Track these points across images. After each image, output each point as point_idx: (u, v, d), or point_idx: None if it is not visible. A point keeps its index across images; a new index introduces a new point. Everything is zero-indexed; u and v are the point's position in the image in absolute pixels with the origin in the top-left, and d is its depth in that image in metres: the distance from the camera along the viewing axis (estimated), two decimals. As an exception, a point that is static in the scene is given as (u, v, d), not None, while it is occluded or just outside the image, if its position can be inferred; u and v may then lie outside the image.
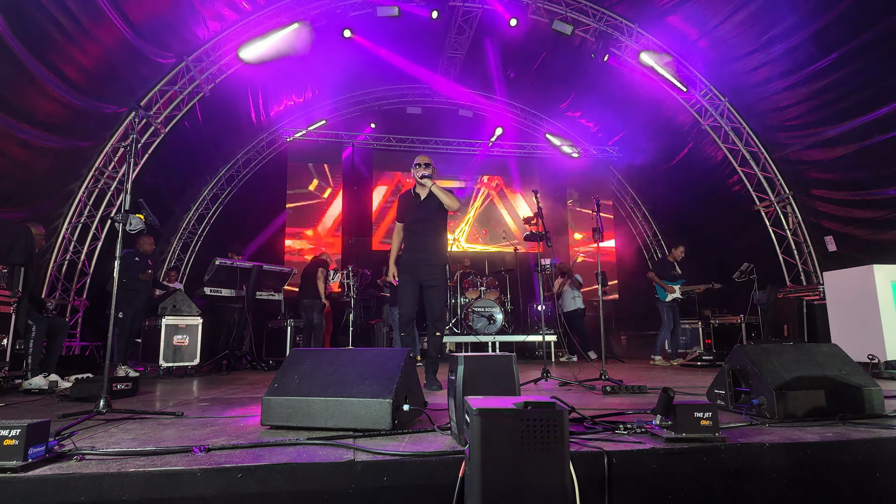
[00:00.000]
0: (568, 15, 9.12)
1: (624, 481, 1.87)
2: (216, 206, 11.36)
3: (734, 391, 2.75)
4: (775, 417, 2.43)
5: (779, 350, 2.75)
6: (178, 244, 10.86)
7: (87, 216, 7.93)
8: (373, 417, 2.22)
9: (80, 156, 7.45)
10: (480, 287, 8.99)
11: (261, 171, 11.64)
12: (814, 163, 8.26)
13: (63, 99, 6.35)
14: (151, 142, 8.27)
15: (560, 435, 1.20)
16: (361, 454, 1.85)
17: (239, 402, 3.41)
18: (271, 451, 1.93)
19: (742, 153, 9.28)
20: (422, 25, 9.32)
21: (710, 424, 2.01)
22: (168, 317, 6.04)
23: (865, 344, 4.68)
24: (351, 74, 10.84)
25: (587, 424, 2.29)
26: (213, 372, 6.22)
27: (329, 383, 2.38)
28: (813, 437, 2.10)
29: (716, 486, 1.93)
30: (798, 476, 1.98)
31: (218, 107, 9.06)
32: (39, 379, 4.25)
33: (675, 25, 8.74)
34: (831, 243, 8.34)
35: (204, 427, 2.50)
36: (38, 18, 5.63)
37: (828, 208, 8.35)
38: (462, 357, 2.08)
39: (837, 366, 2.69)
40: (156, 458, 1.81)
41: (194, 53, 8.17)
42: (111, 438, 2.22)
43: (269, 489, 1.70)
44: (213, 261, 6.34)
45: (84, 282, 8.09)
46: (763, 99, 8.51)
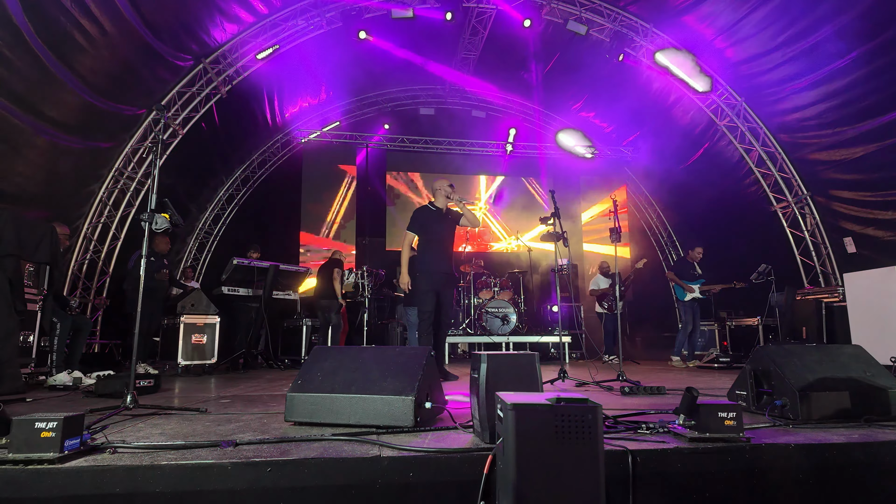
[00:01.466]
0: (582, 15, 9.10)
1: (648, 480, 1.87)
2: (232, 206, 11.49)
3: (756, 392, 2.73)
4: (799, 419, 2.42)
5: (802, 351, 2.73)
6: (194, 244, 10.99)
7: (106, 216, 8.06)
8: (395, 414, 2.24)
9: (100, 157, 7.58)
10: (494, 287, 9.00)
11: (276, 172, 11.75)
12: (832, 163, 8.15)
13: (84, 101, 6.47)
14: (170, 143, 8.38)
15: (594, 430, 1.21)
16: (386, 450, 1.87)
17: (260, 400, 3.45)
18: (297, 446, 1.96)
19: (759, 153, 9.19)
20: (436, 27, 9.35)
21: (734, 425, 2.00)
22: (186, 315, 6.12)
23: (888, 346, 4.61)
24: (365, 76, 10.90)
25: (609, 424, 2.30)
26: (230, 370, 6.29)
27: (352, 380, 2.40)
28: (839, 438, 2.09)
29: (740, 486, 1.92)
30: (823, 478, 1.97)
31: (234, 108, 9.17)
32: (64, 375, 4.34)
33: (690, 25, 8.68)
34: (851, 245, 8.22)
35: (229, 423, 2.54)
36: (60, 21, 5.74)
37: (847, 209, 8.23)
38: (485, 355, 2.10)
39: (862, 367, 2.66)
40: (186, 452, 1.85)
41: (211, 55, 8.28)
42: (140, 433, 2.26)
43: (298, 483, 1.73)
44: (231, 260, 6.41)
45: (104, 281, 8.22)
46: (781, 99, 8.42)
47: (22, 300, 3.67)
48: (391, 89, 12.00)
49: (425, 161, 12.31)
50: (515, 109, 12.67)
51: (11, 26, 5.15)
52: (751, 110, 9.08)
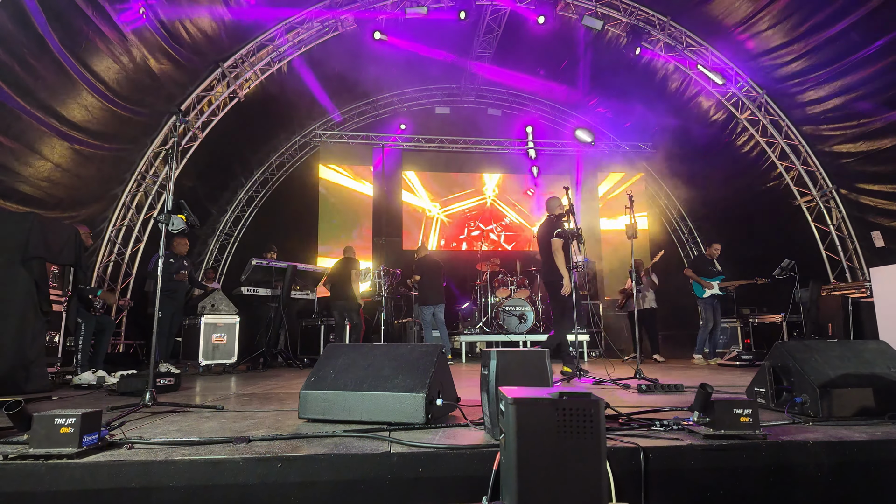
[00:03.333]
0: (598, 10, 9.01)
1: (661, 477, 1.85)
2: (251, 208, 11.65)
3: (775, 389, 2.67)
4: (819, 416, 2.36)
5: (822, 347, 2.67)
6: (215, 246, 11.17)
7: (129, 219, 8.25)
8: (407, 411, 2.25)
9: (123, 161, 7.75)
10: (511, 286, 8.97)
11: (294, 174, 11.88)
12: (859, 155, 7.92)
13: (106, 106, 6.63)
14: (189, 146, 8.53)
15: (596, 425, 1.20)
16: (397, 446, 1.88)
17: (276, 398, 3.49)
18: (309, 442, 1.98)
19: (781, 147, 8.98)
20: (450, 26, 9.34)
21: (749, 421, 1.97)
22: (207, 315, 6.23)
23: (917, 342, 4.47)
24: (380, 76, 10.93)
25: (622, 421, 2.27)
26: (250, 369, 6.38)
27: (364, 377, 2.42)
28: (860, 436, 2.03)
29: (756, 483, 1.88)
30: (843, 475, 1.92)
31: (252, 111, 9.29)
32: (88, 374, 4.45)
33: (708, 17, 8.52)
34: (879, 238, 7.98)
35: (244, 420, 2.58)
36: (83, 30, 5.89)
37: (874, 202, 7.99)
38: (495, 352, 2.09)
39: (887, 363, 2.58)
40: (200, 448, 1.88)
41: (229, 59, 8.40)
42: (157, 429, 2.31)
43: (308, 478, 1.75)
44: (250, 261, 6.51)
45: (128, 282, 8.41)
46: (803, 90, 8.22)
47: (48, 301, 3.77)
48: (407, 89, 12.03)
49: (441, 160, 12.31)
50: (531, 107, 12.60)
51: (36, 36, 5.30)
52: (772, 103, 8.89)
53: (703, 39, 9.06)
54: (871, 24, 6.75)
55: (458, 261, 11.39)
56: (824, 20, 7.20)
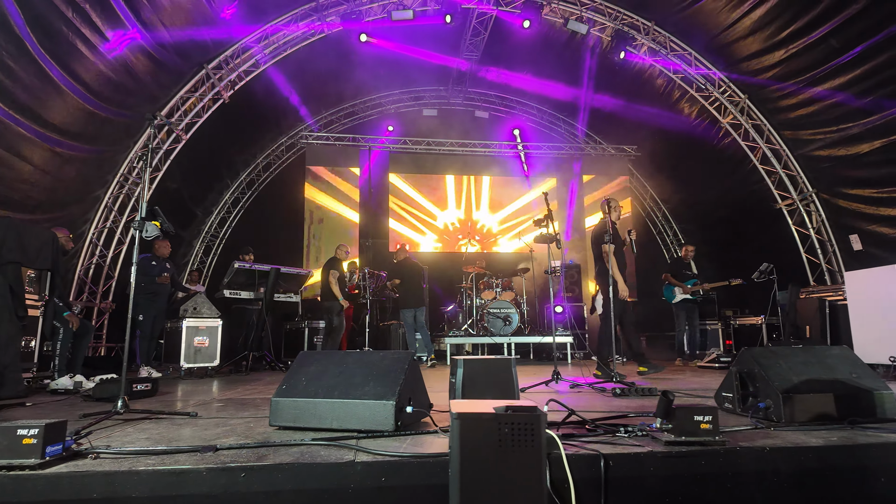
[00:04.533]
0: (583, 14, 9.08)
1: (622, 483, 1.88)
2: (237, 209, 11.61)
3: (741, 394, 2.72)
4: (782, 421, 2.41)
5: (787, 352, 2.72)
6: (200, 247, 11.11)
7: (112, 221, 8.19)
8: (376, 419, 2.27)
9: (105, 163, 7.70)
10: (496, 288, 9.00)
11: (280, 175, 11.86)
12: (838, 159, 8.06)
13: (87, 108, 6.57)
14: (173, 148, 8.48)
15: (537, 438, 1.22)
16: (362, 455, 1.90)
17: (252, 403, 3.49)
18: (276, 451, 1.99)
19: (763, 151, 9.10)
20: (437, 29, 9.36)
21: (710, 428, 2.01)
22: (189, 319, 6.20)
23: (888, 345, 4.56)
24: (367, 78, 10.94)
25: (589, 427, 2.30)
26: (232, 372, 6.36)
27: (335, 385, 2.43)
28: (817, 441, 2.08)
29: (715, 489, 1.93)
30: (800, 481, 1.97)
31: (237, 113, 9.24)
32: (65, 379, 4.42)
33: (692, 22, 8.62)
34: (857, 242, 8.12)
35: (216, 427, 2.58)
36: (63, 31, 5.84)
37: (853, 206, 8.13)
38: (462, 360, 2.12)
39: (848, 369, 2.64)
40: (166, 458, 1.89)
41: (213, 61, 8.37)
42: (126, 438, 2.31)
43: (272, 488, 1.77)
44: (232, 264, 6.49)
45: (110, 285, 8.34)
46: (785, 95, 8.34)
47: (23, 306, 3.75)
48: (394, 91, 12.05)
49: (428, 162, 12.33)
50: (519, 109, 12.67)
51: (14, 37, 5.25)
52: (754, 107, 9.01)
53: (688, 45, 9.17)
54: (850, 32, 6.87)
55: (443, 263, 11.42)
56: (804, 27, 7.32)
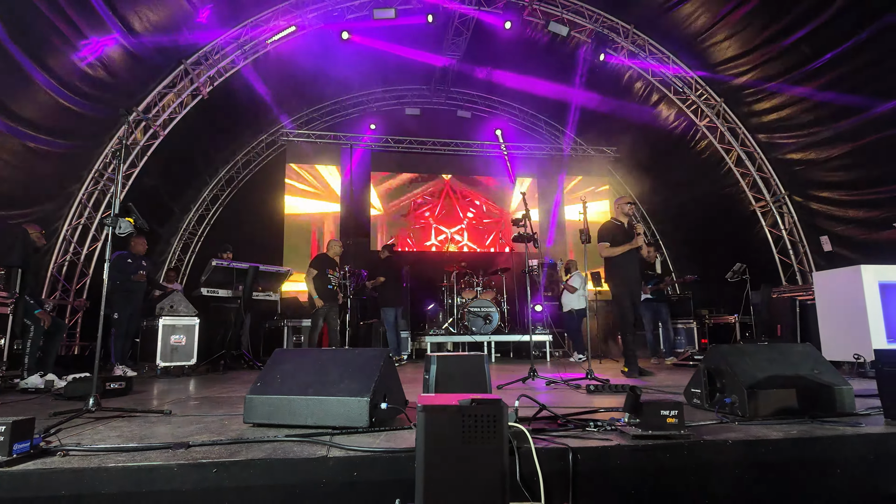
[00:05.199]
0: (564, 16, 9.18)
1: (590, 477, 1.93)
2: (216, 206, 11.48)
3: (709, 390, 2.80)
4: (747, 415, 2.49)
5: (753, 349, 2.80)
6: (178, 245, 10.97)
7: (86, 217, 8.04)
8: (351, 415, 2.29)
9: (80, 158, 7.56)
10: (477, 287, 9.05)
11: (260, 173, 11.75)
12: (810, 162, 8.28)
13: (61, 103, 6.45)
14: (151, 144, 8.36)
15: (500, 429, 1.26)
16: (335, 450, 1.91)
17: (228, 401, 3.48)
18: (249, 447, 2.00)
19: (738, 154, 9.31)
20: (419, 28, 9.38)
21: (675, 422, 2.07)
22: (165, 317, 6.12)
23: (852, 343, 4.71)
24: (349, 76, 10.91)
25: (559, 422, 2.35)
26: (210, 371, 6.30)
27: (310, 382, 2.44)
28: (778, 434, 2.15)
29: (679, 481, 1.98)
30: (760, 473, 2.04)
31: (217, 109, 9.15)
32: (36, 378, 4.34)
33: (671, 26, 8.78)
34: (826, 243, 8.36)
35: (189, 425, 2.57)
36: (37, 25, 5.73)
37: (823, 208, 8.37)
38: (435, 357, 2.15)
39: (810, 365, 2.73)
40: (136, 455, 1.88)
41: (192, 56, 8.27)
42: (97, 435, 2.29)
43: (243, 484, 1.77)
44: (210, 262, 6.43)
45: (84, 282, 8.20)
46: (759, 99, 8.54)
47: (-8, 304, 3.67)
48: (376, 89, 12.03)
49: (410, 161, 12.34)
50: (501, 109, 12.73)
51: (-16, 29, 5.14)
52: (729, 111, 9.20)
53: (666, 48, 9.32)
54: (821, 38, 7.06)
55: (424, 262, 11.43)
56: (777, 33, 7.51)
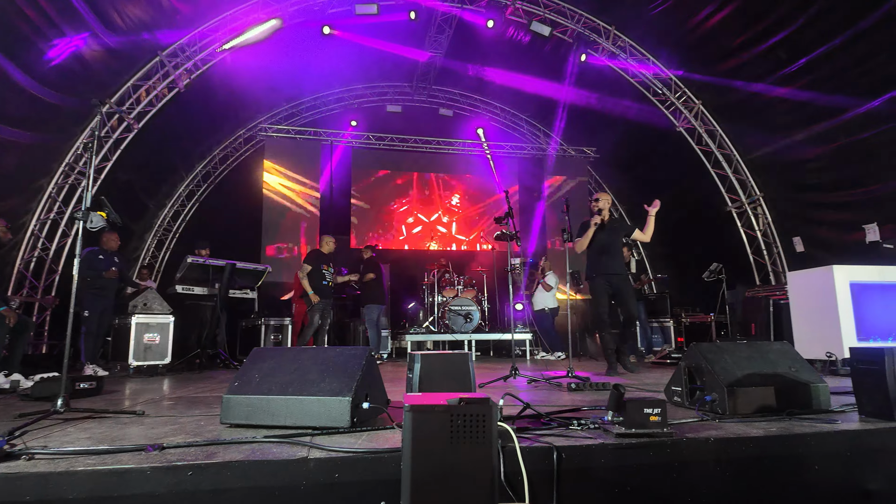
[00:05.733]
0: (546, 16, 9.20)
1: (574, 475, 1.92)
2: (192, 202, 11.25)
3: (689, 388, 2.82)
4: (726, 413, 2.51)
5: (732, 348, 2.83)
6: (152, 241, 10.72)
7: (56, 212, 7.79)
8: (332, 415, 2.24)
9: (49, 151, 7.32)
10: (457, 286, 9.04)
11: (238, 168, 11.55)
12: (784, 165, 8.47)
13: (32, 94, 6.23)
14: (124, 137, 8.14)
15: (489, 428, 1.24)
16: (315, 451, 1.86)
17: (204, 402, 3.39)
18: (226, 448, 1.94)
19: (715, 155, 9.46)
20: (402, 24, 9.32)
21: (658, 420, 2.07)
22: (138, 315, 5.96)
23: (825, 342, 4.82)
24: (330, 72, 10.80)
25: (543, 421, 2.34)
26: (185, 371, 6.16)
27: (289, 382, 2.39)
28: (757, 431, 2.17)
29: (662, 479, 1.99)
30: (741, 470, 2.05)
31: (194, 102, 8.95)
32: (0, 378, 4.18)
33: (651, 28, 8.87)
34: (799, 244, 8.55)
35: (164, 426, 2.49)
36: (7, 11, 5.52)
37: (796, 210, 8.56)
38: (419, 355, 2.12)
39: (788, 363, 2.77)
40: (107, 457, 1.81)
41: (169, 48, 8.07)
42: (66, 438, 2.20)
43: (220, 486, 1.72)
44: (186, 258, 6.28)
45: (53, 279, 7.94)
46: (736, 102, 8.69)
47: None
48: (357, 85, 11.91)
49: (391, 158, 12.27)
50: (482, 108, 12.74)
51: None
52: (707, 113, 9.34)
53: (646, 49, 9.42)
54: (796, 43, 7.21)
55: (405, 260, 11.39)
56: (754, 37, 7.64)
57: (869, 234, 7.19)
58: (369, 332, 7.66)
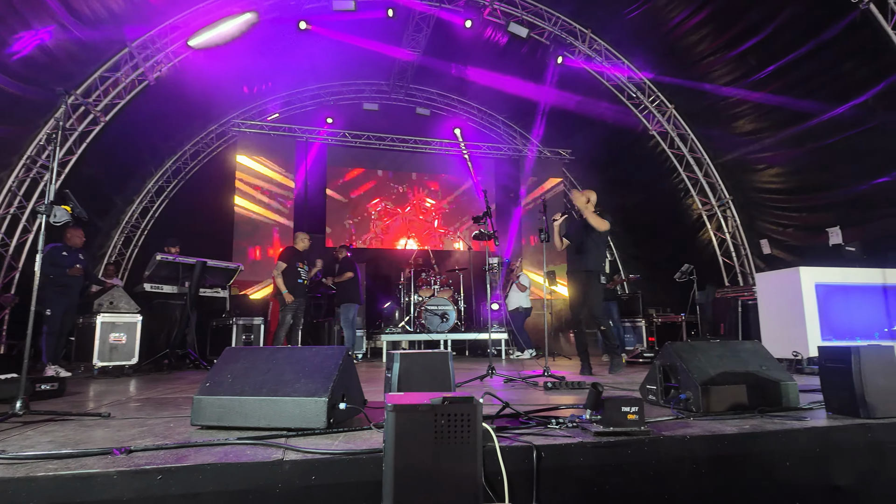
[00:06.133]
0: (524, 18, 9.25)
1: (553, 474, 1.92)
2: (161, 199, 10.95)
3: (664, 386, 2.86)
4: (700, 411, 2.55)
5: (706, 347, 2.88)
6: (119, 238, 10.39)
7: (17, 206, 7.48)
8: (307, 416, 2.19)
9: (9, 144, 7.03)
10: (434, 285, 9.00)
11: (210, 164, 11.29)
12: (752, 169, 8.69)
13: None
14: (90, 130, 7.88)
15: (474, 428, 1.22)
16: (291, 453, 1.82)
17: (173, 403, 3.29)
18: (198, 451, 1.88)
19: (687, 158, 9.65)
20: (379, 22, 9.25)
21: (636, 418, 2.08)
22: (104, 314, 5.76)
23: (791, 341, 4.96)
24: (306, 68, 10.65)
25: (522, 420, 2.33)
26: (153, 371, 5.98)
27: (264, 382, 2.33)
28: (731, 429, 2.21)
29: (640, 477, 2.00)
30: (716, 467, 2.08)
31: (164, 96, 8.71)
32: (-44, 380, 3.97)
33: (627, 32, 9.00)
34: (766, 246, 8.80)
35: (131, 428, 2.41)
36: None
37: (764, 213, 8.80)
38: (398, 354, 2.09)
39: (759, 362, 2.83)
40: (70, 461, 1.73)
41: (139, 40, 7.83)
42: (25, 442, 2.10)
43: (191, 490, 1.66)
44: (154, 256, 6.10)
45: (13, 276, 7.63)
46: (707, 107, 8.87)
47: None
48: (334, 83, 11.77)
49: (367, 157, 12.16)
50: (460, 108, 12.73)
51: None
52: (680, 117, 9.53)
53: (621, 53, 9.55)
54: (764, 51, 7.41)
55: (381, 260, 11.31)
56: (725, 44, 7.82)
57: (832, 237, 7.44)
58: (345, 331, 7.58)
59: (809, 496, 2.12)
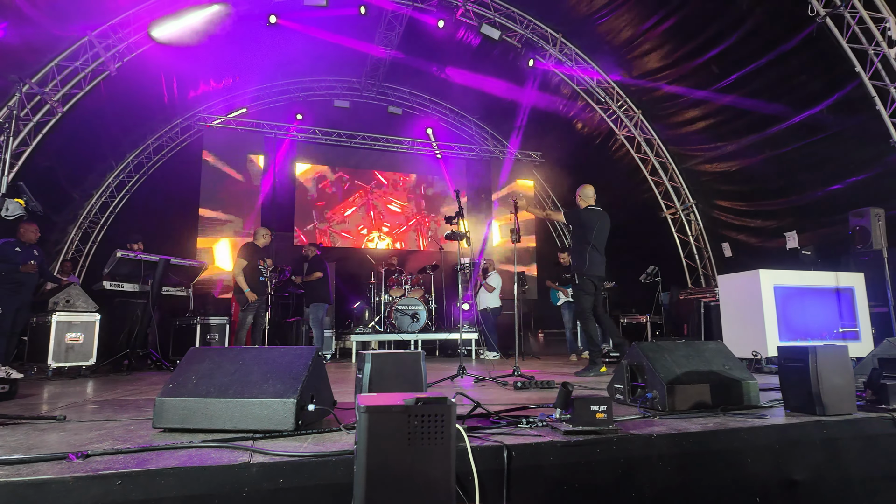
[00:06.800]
0: (496, 20, 9.30)
1: (524, 473, 1.93)
2: (122, 193, 10.58)
3: (631, 386, 2.91)
4: (666, 410, 2.60)
5: (671, 347, 2.95)
6: (76, 234, 9.99)
7: (-35, 200, 7.10)
8: (275, 418, 2.14)
9: (-43, 132, 6.67)
10: (405, 285, 8.96)
11: (174, 159, 10.96)
12: (715, 174, 8.97)
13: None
14: (46, 121, 7.55)
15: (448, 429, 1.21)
16: (258, 456, 1.78)
17: (134, 405, 3.18)
18: (160, 455, 1.81)
19: (653, 163, 9.88)
20: (352, 19, 9.15)
21: (604, 417, 2.11)
22: (60, 313, 5.53)
23: (751, 341, 5.13)
24: (276, 63, 10.47)
25: (493, 419, 2.34)
26: (112, 372, 5.77)
27: (230, 383, 2.27)
28: (696, 427, 2.27)
29: (609, 475, 2.03)
30: (682, 464, 2.13)
31: (126, 88, 8.42)
32: None
33: (597, 37, 9.15)
34: (727, 249, 9.08)
35: (89, 431, 2.31)
36: None
37: (725, 217, 9.09)
38: (369, 354, 2.06)
39: (722, 361, 2.92)
40: (22, 467, 1.65)
41: (99, 28, 7.55)
42: (-27, 447, 1.99)
43: (153, 496, 1.60)
44: (114, 253, 5.89)
45: (-40, 273, 7.23)
46: (673, 113, 9.11)
47: None
48: (304, 78, 11.60)
49: (338, 155, 12.03)
50: (432, 108, 12.72)
51: None
52: (647, 122, 9.75)
53: (591, 58, 9.71)
54: (728, 59, 7.64)
55: (351, 259, 11.20)
56: (691, 51, 8.04)
57: (789, 241, 7.73)
58: (314, 331, 7.47)
59: (769, 490, 2.20)
